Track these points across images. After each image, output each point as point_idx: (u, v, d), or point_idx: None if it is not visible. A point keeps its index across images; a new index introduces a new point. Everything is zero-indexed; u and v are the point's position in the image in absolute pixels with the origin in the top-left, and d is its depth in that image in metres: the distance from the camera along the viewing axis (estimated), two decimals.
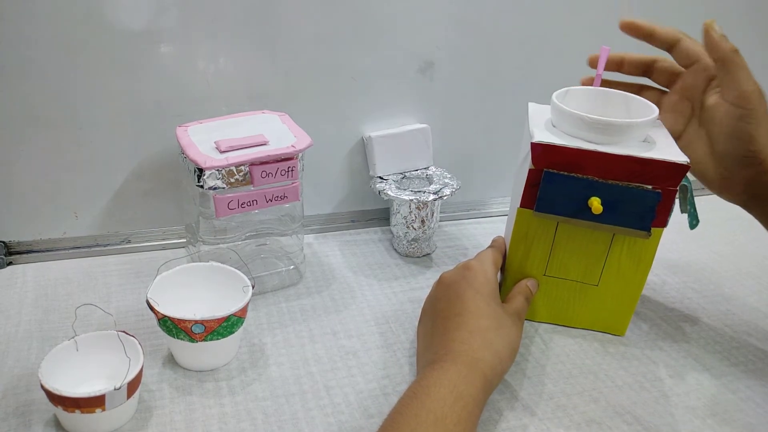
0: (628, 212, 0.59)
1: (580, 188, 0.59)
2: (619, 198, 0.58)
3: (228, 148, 0.63)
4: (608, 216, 0.59)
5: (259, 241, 0.76)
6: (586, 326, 0.68)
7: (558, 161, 0.58)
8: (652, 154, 0.57)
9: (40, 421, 0.54)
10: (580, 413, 0.57)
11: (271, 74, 0.75)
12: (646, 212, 0.59)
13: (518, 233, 0.64)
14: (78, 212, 0.75)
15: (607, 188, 0.58)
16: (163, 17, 0.68)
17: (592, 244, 0.63)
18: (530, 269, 0.66)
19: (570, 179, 0.59)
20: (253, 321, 0.67)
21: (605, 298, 0.65)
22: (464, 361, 0.52)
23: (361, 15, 0.75)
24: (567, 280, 0.65)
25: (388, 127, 0.82)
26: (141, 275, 0.73)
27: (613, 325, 0.67)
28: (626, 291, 0.65)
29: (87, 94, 0.70)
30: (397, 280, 0.76)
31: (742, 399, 0.60)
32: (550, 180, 0.59)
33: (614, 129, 0.57)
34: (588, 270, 0.64)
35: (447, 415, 0.48)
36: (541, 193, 0.60)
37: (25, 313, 0.67)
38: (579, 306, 0.67)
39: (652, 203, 0.58)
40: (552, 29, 0.83)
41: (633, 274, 0.63)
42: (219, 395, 0.58)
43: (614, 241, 0.62)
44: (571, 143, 0.58)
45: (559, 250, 0.64)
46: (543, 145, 0.58)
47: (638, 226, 0.59)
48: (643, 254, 0.62)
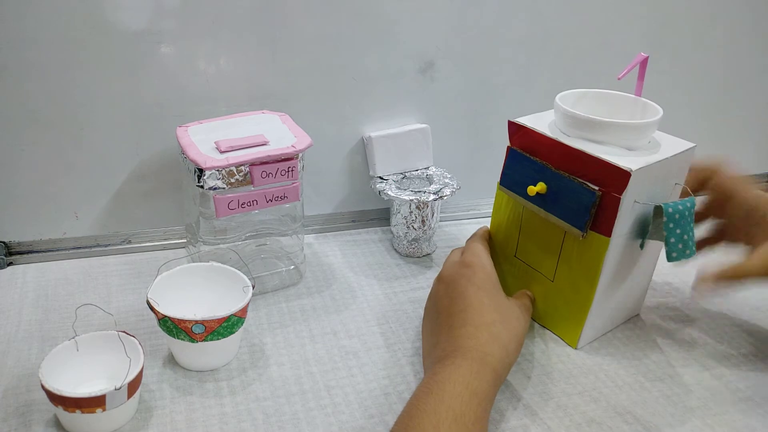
0: (567, 205, 0.59)
1: (533, 171, 0.61)
2: (562, 189, 0.59)
3: (228, 148, 0.63)
4: (550, 204, 0.61)
5: (259, 241, 0.76)
6: (546, 325, 0.68)
7: (526, 143, 0.63)
8: (602, 154, 0.56)
9: (41, 421, 0.54)
10: (581, 413, 0.57)
11: (271, 74, 0.75)
12: (581, 210, 0.58)
13: (495, 207, 0.69)
14: (78, 212, 0.75)
15: (553, 176, 0.60)
16: (164, 17, 0.68)
17: (549, 237, 0.63)
18: (505, 246, 0.68)
19: (527, 160, 0.62)
20: (253, 321, 0.67)
21: (559, 300, 0.65)
22: (474, 356, 0.53)
23: (361, 15, 0.75)
24: (531, 267, 0.66)
25: (389, 127, 0.82)
26: (141, 275, 0.73)
27: (567, 333, 0.66)
28: (576, 300, 0.63)
29: (87, 94, 0.70)
30: (397, 280, 0.76)
31: (742, 399, 0.60)
32: (513, 157, 0.64)
33: (593, 126, 0.58)
34: (546, 263, 0.64)
35: (465, 413, 0.48)
36: (505, 169, 0.65)
37: (25, 313, 0.67)
38: (541, 300, 0.67)
39: (587, 201, 0.57)
40: (552, 29, 0.83)
41: (582, 282, 0.62)
42: (219, 395, 0.58)
43: (565, 239, 0.62)
44: (546, 131, 0.60)
45: (525, 235, 0.65)
46: (515, 124, 0.63)
47: (574, 223, 0.59)
48: (589, 262, 0.60)
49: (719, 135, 1.01)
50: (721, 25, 0.91)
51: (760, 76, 0.97)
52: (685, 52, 0.91)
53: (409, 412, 0.49)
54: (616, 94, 0.64)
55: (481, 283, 0.59)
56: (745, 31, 0.93)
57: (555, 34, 0.84)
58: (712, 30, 0.91)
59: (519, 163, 0.63)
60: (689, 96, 0.95)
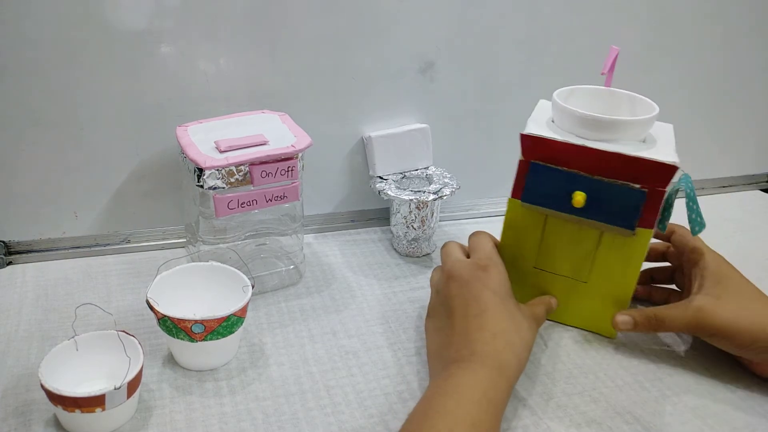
0: (613, 209, 0.59)
1: (565, 181, 0.59)
2: (604, 194, 0.59)
3: (228, 147, 0.63)
4: (592, 211, 0.59)
5: (259, 241, 0.76)
6: (579, 325, 0.68)
7: (545, 154, 0.60)
8: (640, 153, 0.57)
9: (40, 420, 0.54)
10: (581, 413, 0.57)
11: (271, 74, 0.75)
12: (630, 210, 0.58)
13: (508, 222, 0.65)
14: (78, 212, 0.75)
15: (591, 183, 0.59)
16: (164, 17, 0.68)
17: (581, 240, 0.63)
18: (519, 260, 0.66)
19: (555, 172, 0.60)
20: (253, 321, 0.67)
21: (596, 298, 0.65)
22: (492, 364, 0.53)
23: (361, 15, 0.75)
24: (557, 275, 0.66)
25: (388, 127, 0.82)
26: (141, 275, 0.73)
27: (605, 326, 0.66)
28: (616, 292, 0.64)
29: (87, 94, 0.70)
30: (397, 280, 0.76)
31: (742, 398, 0.60)
32: (536, 171, 0.60)
33: (606, 126, 0.58)
34: (577, 266, 0.64)
35: (483, 421, 0.48)
36: (527, 184, 0.61)
37: (25, 312, 0.67)
38: (571, 303, 0.67)
39: (636, 202, 0.58)
40: (552, 29, 0.83)
41: (622, 275, 0.63)
42: (219, 395, 0.58)
43: (603, 239, 0.62)
44: (561, 137, 0.58)
45: (549, 244, 0.64)
46: (531, 137, 0.60)
47: (622, 224, 0.59)
48: (632, 255, 0.62)
49: (719, 135, 1.01)
50: (721, 25, 0.91)
51: (760, 76, 0.97)
52: (685, 52, 0.91)
53: (425, 412, 0.49)
54: (602, 89, 0.64)
55: (497, 288, 0.58)
56: (745, 31, 0.93)
57: (555, 34, 0.84)
58: (712, 30, 0.91)
59: (544, 176, 0.60)
60: (689, 96, 0.95)
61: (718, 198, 1.02)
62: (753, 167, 1.06)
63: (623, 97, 0.64)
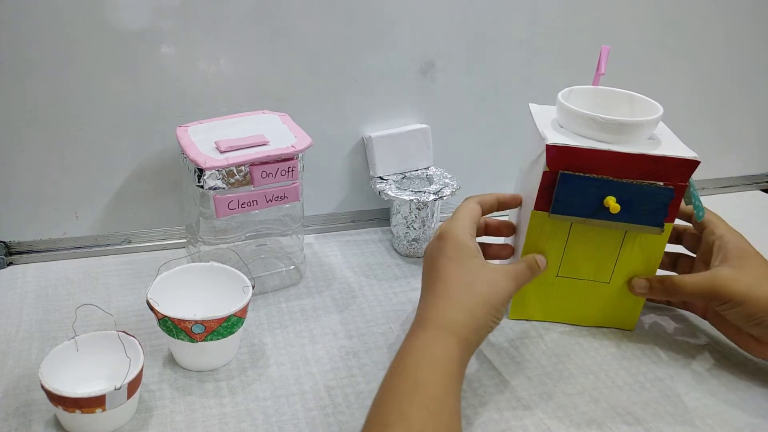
0: (643, 209, 0.60)
1: (596, 188, 0.59)
2: (634, 196, 0.59)
3: (228, 148, 0.63)
4: (624, 214, 0.60)
5: (259, 241, 0.76)
6: (597, 323, 0.68)
7: (572, 162, 0.59)
8: (663, 152, 0.58)
9: (41, 421, 0.54)
10: (581, 413, 0.57)
11: (271, 74, 0.75)
12: (659, 208, 0.60)
13: (532, 236, 0.63)
14: (78, 212, 0.75)
15: (621, 187, 0.59)
16: (164, 17, 0.69)
17: (604, 243, 0.63)
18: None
19: (586, 180, 0.59)
20: (253, 321, 0.67)
21: (615, 295, 0.66)
22: (433, 325, 0.53)
23: (361, 15, 0.75)
24: (579, 279, 0.66)
25: (389, 127, 0.82)
26: (141, 275, 0.73)
27: (624, 320, 0.68)
28: None
29: (87, 94, 0.70)
30: (397, 280, 0.76)
31: (742, 398, 0.60)
32: (566, 181, 0.59)
33: (626, 128, 0.58)
34: (600, 268, 0.65)
35: (426, 378, 0.48)
36: (557, 195, 0.60)
37: (25, 313, 0.67)
38: (590, 304, 0.67)
39: (665, 199, 0.59)
40: (552, 30, 0.83)
41: (643, 270, 0.64)
42: (219, 395, 0.58)
43: (626, 239, 0.62)
44: (584, 144, 0.58)
45: (572, 251, 0.64)
46: (557, 147, 0.58)
47: (652, 223, 0.60)
48: (653, 250, 0.63)
49: (719, 135, 1.01)
50: (721, 25, 0.91)
51: (760, 76, 0.97)
52: (685, 52, 0.91)
53: (378, 395, 0.50)
54: (602, 89, 0.65)
55: (452, 253, 0.58)
56: (745, 31, 0.93)
57: (555, 34, 0.84)
58: (712, 30, 0.91)
59: (574, 186, 0.59)
60: (689, 96, 0.95)
61: (718, 198, 1.02)
62: (753, 167, 1.06)
63: (622, 96, 0.64)
